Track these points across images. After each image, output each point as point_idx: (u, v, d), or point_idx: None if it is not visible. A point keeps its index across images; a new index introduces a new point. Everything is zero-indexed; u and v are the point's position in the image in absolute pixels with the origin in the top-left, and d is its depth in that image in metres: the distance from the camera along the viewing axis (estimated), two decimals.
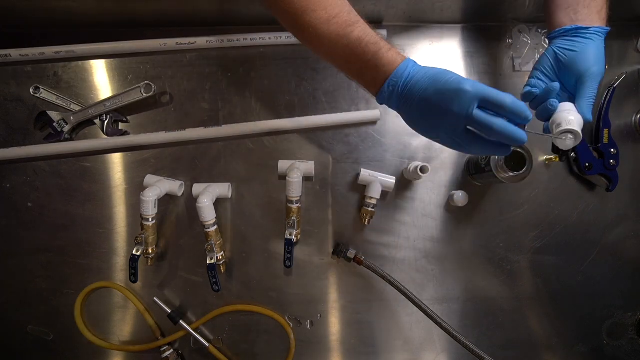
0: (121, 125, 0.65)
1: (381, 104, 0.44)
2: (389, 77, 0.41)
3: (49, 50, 0.63)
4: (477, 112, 0.38)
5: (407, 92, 0.41)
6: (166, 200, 0.64)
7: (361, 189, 0.64)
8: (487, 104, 0.38)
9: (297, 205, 0.60)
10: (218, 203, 0.63)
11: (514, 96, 0.38)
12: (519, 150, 0.56)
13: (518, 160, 0.55)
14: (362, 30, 0.42)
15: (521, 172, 0.55)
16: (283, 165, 0.62)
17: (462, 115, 0.38)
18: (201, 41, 0.64)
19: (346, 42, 0.42)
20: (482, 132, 0.40)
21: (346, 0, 0.43)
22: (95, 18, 0.63)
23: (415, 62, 0.42)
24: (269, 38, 0.64)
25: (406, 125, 0.45)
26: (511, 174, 0.55)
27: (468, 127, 0.40)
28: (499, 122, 0.38)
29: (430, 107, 0.40)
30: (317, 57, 0.47)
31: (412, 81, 0.41)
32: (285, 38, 0.64)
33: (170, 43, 0.64)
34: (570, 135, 0.44)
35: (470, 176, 0.64)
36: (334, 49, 0.43)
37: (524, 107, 0.38)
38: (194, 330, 0.63)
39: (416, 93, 0.40)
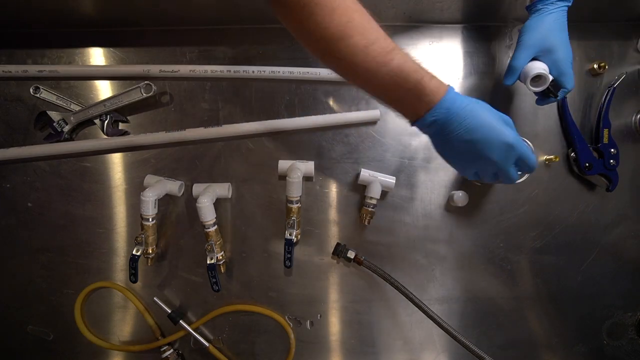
0: (121, 125, 0.65)
1: (417, 127, 0.44)
2: (432, 108, 0.41)
3: (32, 69, 0.64)
4: (512, 168, 0.45)
5: (449, 127, 0.41)
6: (166, 200, 0.64)
7: (361, 189, 0.64)
8: (518, 160, 0.44)
9: (297, 205, 0.60)
10: (218, 203, 0.63)
11: (535, 161, 0.45)
12: (525, 141, 0.56)
13: None
14: (402, 58, 0.40)
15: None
16: (283, 165, 0.62)
17: (501, 167, 0.44)
18: (184, 69, 0.63)
19: (386, 71, 0.40)
20: (502, 177, 0.46)
21: (378, 25, 0.41)
22: (95, 18, 0.63)
23: (457, 93, 0.42)
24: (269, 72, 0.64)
25: (406, 125, 0.45)
26: None
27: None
28: (516, 177, 0.46)
29: (472, 148, 0.42)
30: (317, 57, 0.46)
31: (457, 117, 0.41)
32: (268, 72, 0.64)
33: (154, 70, 0.64)
34: (531, 83, 0.53)
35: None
36: (372, 77, 0.41)
37: (535, 167, 0.45)
38: (194, 330, 0.63)
39: (459, 131, 0.41)
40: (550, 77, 0.53)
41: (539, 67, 0.52)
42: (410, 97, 0.41)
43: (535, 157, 0.45)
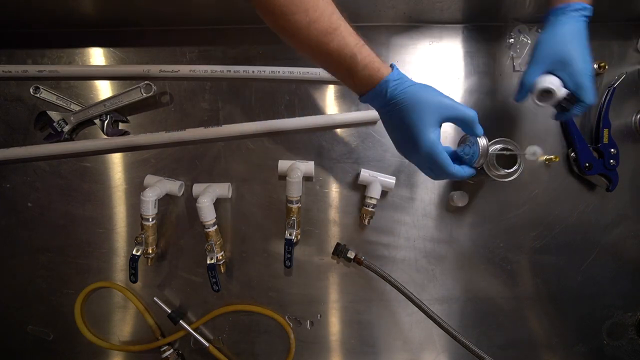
0: (121, 125, 0.65)
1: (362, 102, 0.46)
2: (365, 94, 0.43)
3: (32, 69, 0.64)
4: (440, 167, 0.44)
5: (385, 112, 0.44)
6: (166, 200, 0.64)
7: (361, 189, 0.64)
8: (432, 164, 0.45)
9: (297, 205, 0.60)
10: (218, 203, 0.63)
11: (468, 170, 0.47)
12: (510, 148, 0.56)
13: (509, 158, 0.56)
14: (340, 40, 0.41)
15: (512, 169, 0.55)
16: (283, 165, 0.62)
17: (427, 165, 0.46)
18: (184, 69, 0.64)
19: (325, 51, 0.41)
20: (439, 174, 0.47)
21: (330, 1, 0.42)
22: (95, 18, 0.63)
23: (399, 74, 0.43)
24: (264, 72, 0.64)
25: None
26: (502, 171, 0.55)
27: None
28: (454, 171, 0.45)
29: (404, 134, 0.44)
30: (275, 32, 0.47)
31: (394, 103, 0.42)
32: (268, 72, 0.64)
33: (154, 70, 0.64)
34: (539, 98, 0.50)
35: None
36: (315, 55, 0.43)
37: (456, 173, 0.45)
38: (194, 330, 0.63)
39: (394, 120, 0.44)
40: (563, 91, 0.49)
41: (548, 80, 0.49)
42: (350, 77, 0.43)
43: (451, 166, 0.44)
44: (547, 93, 0.49)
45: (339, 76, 0.45)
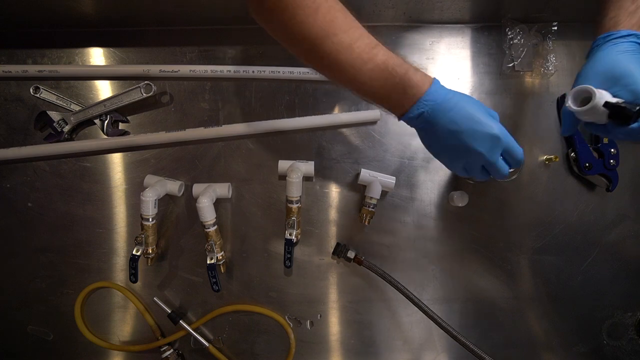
0: (121, 125, 0.65)
1: (404, 121, 0.44)
2: (418, 101, 0.41)
3: (32, 69, 0.64)
4: (500, 160, 0.44)
5: (435, 119, 0.41)
6: (166, 200, 0.64)
7: (361, 189, 0.64)
8: (504, 152, 0.44)
9: (297, 205, 0.60)
10: (218, 203, 0.63)
11: (522, 152, 0.44)
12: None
13: None
14: (386, 53, 0.41)
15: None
16: (283, 165, 0.62)
17: (487, 159, 0.43)
18: (184, 69, 0.63)
19: (371, 67, 0.40)
20: (490, 170, 0.45)
21: (361, 25, 0.41)
22: (95, 18, 0.63)
23: (442, 85, 0.42)
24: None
25: (406, 125, 0.45)
26: None
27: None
28: (506, 171, 0.45)
29: (457, 140, 0.42)
30: (300, 58, 0.45)
31: (443, 109, 0.41)
32: (268, 72, 0.64)
33: (154, 70, 0.63)
34: (573, 101, 0.41)
35: None
36: (357, 74, 0.41)
37: (522, 159, 0.45)
38: (194, 330, 0.63)
39: (445, 123, 0.41)
40: (604, 97, 0.39)
41: (591, 86, 0.40)
42: (396, 91, 0.41)
43: (521, 150, 0.44)
44: (586, 100, 0.40)
45: (383, 91, 0.42)
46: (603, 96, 0.39)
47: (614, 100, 0.39)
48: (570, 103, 0.42)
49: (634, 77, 0.40)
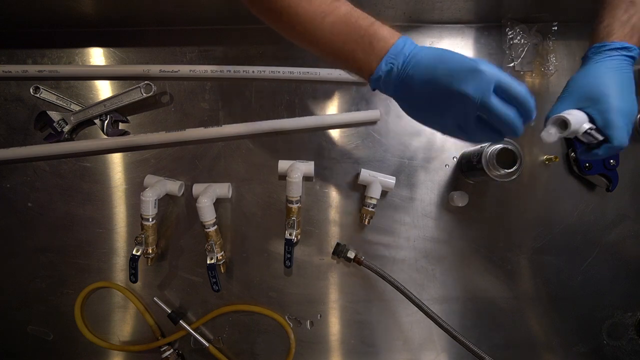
0: (121, 125, 0.65)
1: (374, 88, 0.39)
2: (386, 54, 0.36)
3: (32, 69, 0.64)
4: (494, 99, 0.34)
5: (408, 71, 0.36)
6: (166, 200, 0.64)
7: (361, 189, 0.64)
8: (500, 91, 0.34)
9: (297, 205, 0.60)
10: (218, 203, 0.63)
11: (526, 86, 0.35)
12: (510, 148, 0.56)
13: (509, 158, 0.56)
14: (348, 6, 0.37)
15: (512, 169, 0.55)
16: (283, 165, 0.62)
17: (477, 99, 0.34)
18: (184, 69, 0.64)
19: (332, 19, 0.37)
20: (492, 120, 0.36)
21: None
22: (95, 18, 0.63)
23: (413, 41, 0.37)
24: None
25: (406, 125, 0.45)
26: (502, 171, 0.55)
27: (479, 113, 0.36)
28: (513, 115, 0.35)
29: (438, 89, 0.35)
30: (316, 57, 0.43)
31: (415, 59, 0.36)
32: (268, 72, 0.64)
33: (154, 70, 0.64)
34: (552, 130, 0.41)
35: (463, 174, 0.64)
36: (318, 29, 0.38)
37: (533, 102, 0.35)
38: (194, 330, 0.63)
39: (420, 73, 0.36)
40: (584, 126, 0.42)
41: (569, 112, 0.42)
42: (361, 46, 0.37)
43: (523, 85, 0.35)
44: (563, 126, 0.41)
45: (347, 48, 0.38)
46: (578, 121, 0.41)
47: (588, 126, 0.42)
48: (550, 128, 0.42)
49: (608, 104, 0.41)
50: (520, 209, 0.64)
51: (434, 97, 0.36)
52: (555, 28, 0.64)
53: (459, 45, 0.66)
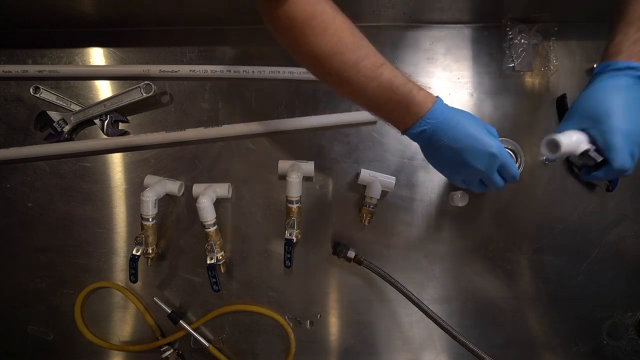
0: (121, 125, 0.65)
1: (407, 135, 0.46)
2: (420, 119, 0.43)
3: (32, 69, 0.64)
4: (496, 175, 0.45)
5: (436, 137, 0.43)
6: (166, 200, 0.64)
7: (361, 189, 0.63)
8: (501, 168, 0.45)
9: (297, 205, 0.60)
10: (218, 203, 0.63)
11: (517, 170, 0.46)
12: (510, 148, 0.56)
13: None
14: (391, 72, 0.42)
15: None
16: (283, 165, 0.62)
17: (485, 174, 0.44)
18: (184, 69, 0.64)
19: (375, 85, 0.42)
20: (488, 184, 0.47)
21: (369, 42, 0.43)
22: (95, 18, 0.63)
23: (445, 104, 0.44)
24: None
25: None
26: None
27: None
28: (503, 185, 0.46)
29: (457, 157, 0.43)
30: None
31: (444, 128, 0.43)
32: (268, 72, 0.64)
33: (154, 70, 0.64)
34: (543, 150, 0.44)
35: None
36: (363, 91, 0.43)
37: (518, 178, 0.46)
38: (194, 330, 0.63)
39: (446, 140, 0.43)
40: (583, 147, 0.42)
41: (567, 134, 0.43)
42: (400, 109, 0.43)
43: (517, 168, 0.46)
44: (555, 147, 0.43)
45: (387, 108, 0.44)
46: (573, 142, 0.42)
47: (586, 147, 0.43)
48: (542, 149, 0.44)
49: (609, 124, 0.41)
50: (520, 209, 0.64)
51: (453, 161, 0.45)
52: (555, 28, 0.64)
53: (459, 45, 0.66)
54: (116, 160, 0.65)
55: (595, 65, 0.63)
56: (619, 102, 0.42)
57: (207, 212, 0.58)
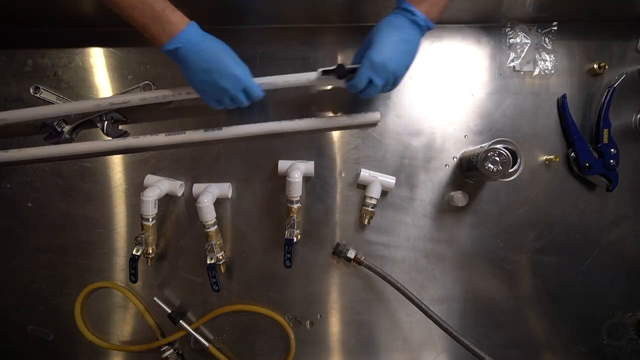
0: (121, 125, 0.65)
1: (164, 52, 0.50)
2: (174, 37, 0.48)
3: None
4: (242, 95, 0.53)
5: (189, 56, 0.49)
6: (166, 200, 0.64)
7: (361, 189, 0.63)
8: (246, 90, 0.53)
9: (297, 205, 0.60)
10: (218, 203, 0.63)
11: (260, 91, 0.54)
12: (510, 148, 0.56)
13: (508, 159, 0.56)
14: None
15: (512, 170, 0.55)
16: (283, 165, 0.62)
17: (231, 92, 0.52)
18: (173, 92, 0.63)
19: None
20: (237, 102, 0.54)
21: None
22: (95, 18, 0.63)
23: (199, 29, 0.50)
24: None
25: (406, 125, 0.45)
26: (496, 169, 0.55)
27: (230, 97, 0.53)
28: (247, 102, 0.55)
29: (208, 76, 0.50)
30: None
31: (196, 49, 0.49)
32: (267, 82, 0.63)
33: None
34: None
35: (463, 174, 0.64)
36: (122, 2, 0.46)
37: (261, 96, 0.55)
38: (194, 330, 0.63)
39: (198, 60, 0.49)
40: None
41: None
42: (154, 25, 0.47)
43: (260, 90, 0.54)
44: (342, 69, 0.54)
45: (143, 23, 0.47)
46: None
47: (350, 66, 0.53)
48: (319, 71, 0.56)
49: (369, 52, 0.50)
50: (521, 209, 0.64)
51: (205, 81, 0.51)
52: (555, 28, 0.64)
53: (459, 45, 0.66)
54: (116, 161, 0.65)
55: (595, 66, 0.64)
56: (384, 37, 0.50)
57: (207, 212, 0.58)
